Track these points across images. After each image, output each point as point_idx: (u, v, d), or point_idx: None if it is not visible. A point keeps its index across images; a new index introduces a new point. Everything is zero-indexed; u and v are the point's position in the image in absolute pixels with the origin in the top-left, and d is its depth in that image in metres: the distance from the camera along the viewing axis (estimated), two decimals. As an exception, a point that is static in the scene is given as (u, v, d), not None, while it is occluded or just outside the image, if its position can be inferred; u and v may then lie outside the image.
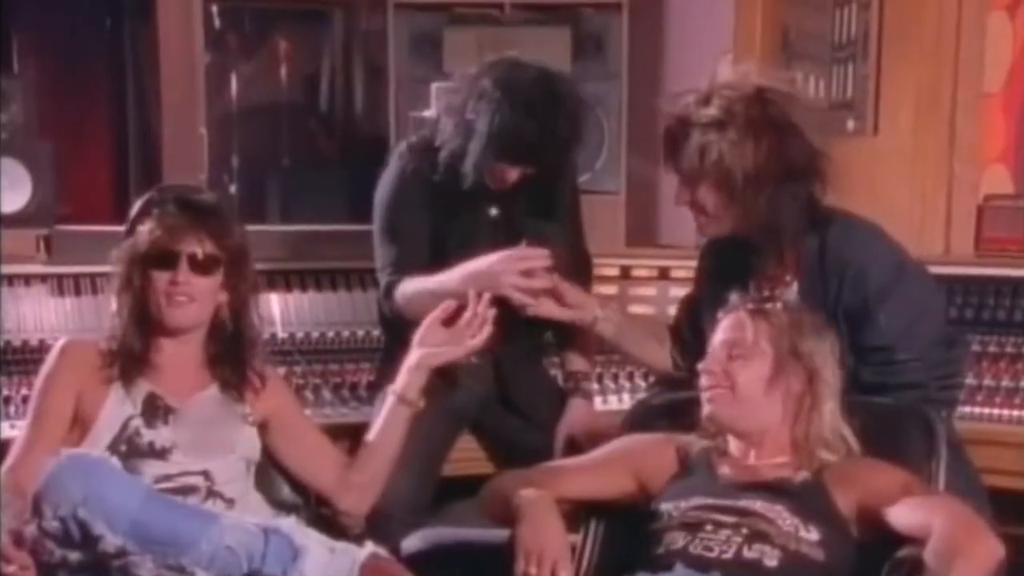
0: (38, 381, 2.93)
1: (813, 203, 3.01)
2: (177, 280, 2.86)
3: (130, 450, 2.81)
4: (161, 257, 2.87)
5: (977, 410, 3.59)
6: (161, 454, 2.83)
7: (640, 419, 3.03)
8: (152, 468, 2.81)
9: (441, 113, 3.46)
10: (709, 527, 2.58)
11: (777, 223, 2.98)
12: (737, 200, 2.97)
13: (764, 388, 2.70)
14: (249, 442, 2.95)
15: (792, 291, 3.03)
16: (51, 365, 2.91)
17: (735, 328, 2.76)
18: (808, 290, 3.01)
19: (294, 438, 3.03)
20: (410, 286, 3.37)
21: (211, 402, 2.94)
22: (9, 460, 2.83)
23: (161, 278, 2.86)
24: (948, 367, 3.07)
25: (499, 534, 2.89)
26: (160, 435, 2.85)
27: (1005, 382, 3.64)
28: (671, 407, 2.96)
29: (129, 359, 2.87)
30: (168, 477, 2.80)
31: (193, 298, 2.89)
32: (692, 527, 2.59)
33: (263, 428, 2.98)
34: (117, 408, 2.84)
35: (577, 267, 3.57)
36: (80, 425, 2.85)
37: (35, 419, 2.88)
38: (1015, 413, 3.57)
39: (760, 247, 3.06)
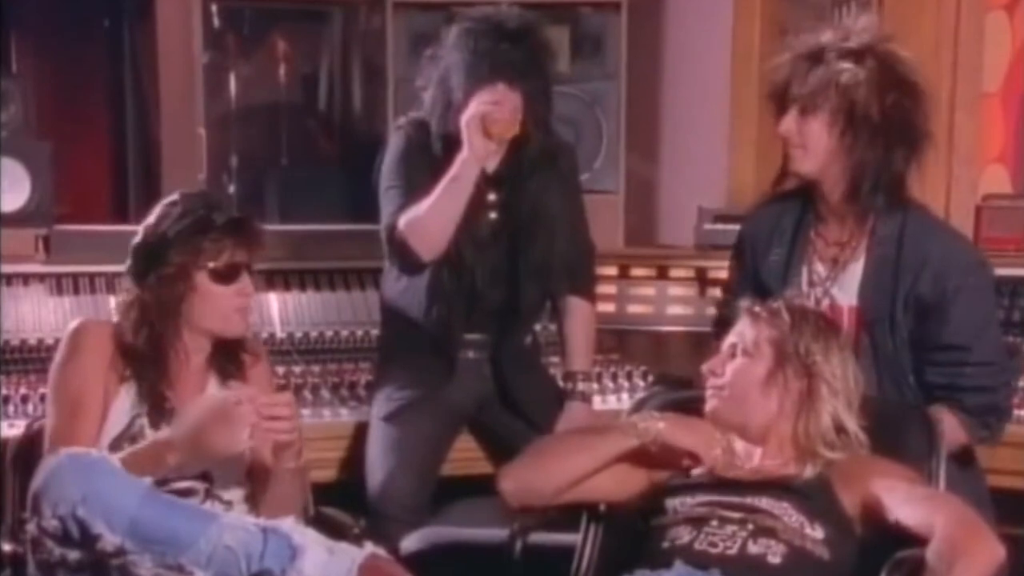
0: (61, 363, 2.87)
1: (905, 180, 3.01)
2: (246, 292, 2.88)
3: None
4: (228, 272, 2.86)
5: (1013, 414, 3.58)
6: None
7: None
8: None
9: (424, 94, 3.48)
10: (715, 523, 2.59)
11: (879, 179, 2.97)
12: (846, 140, 2.95)
13: (760, 387, 2.71)
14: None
15: (857, 265, 3.04)
16: (73, 345, 2.87)
17: (739, 329, 2.79)
18: (874, 272, 3.01)
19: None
20: (411, 212, 3.37)
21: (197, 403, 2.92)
22: (62, 443, 2.76)
23: (226, 292, 2.86)
24: (1012, 375, 3.11)
25: (497, 534, 2.90)
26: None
27: (1005, 382, 3.64)
28: (672, 407, 2.96)
29: (143, 364, 2.86)
30: (165, 481, 2.79)
31: (251, 307, 2.93)
32: (698, 522, 2.60)
33: None
34: (127, 404, 2.84)
35: (575, 252, 3.57)
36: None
37: (75, 399, 2.82)
38: (1015, 412, 3.56)
39: (827, 209, 3.05)
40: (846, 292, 3.03)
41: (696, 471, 2.74)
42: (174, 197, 2.93)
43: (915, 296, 2.98)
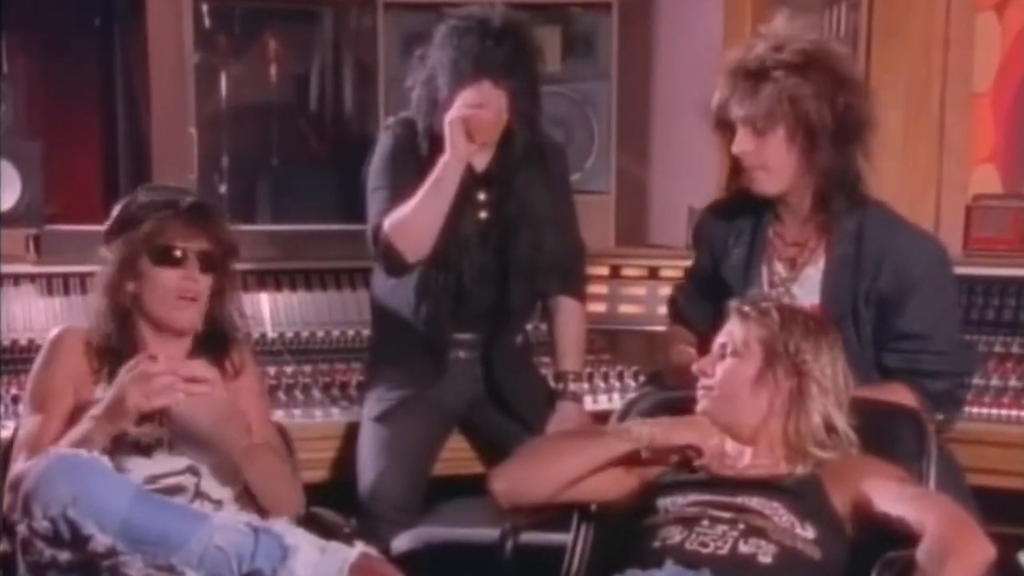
0: (36, 370, 2.92)
1: (862, 176, 3.03)
2: (190, 277, 2.88)
3: (116, 447, 2.79)
4: (170, 255, 2.87)
5: (966, 409, 3.59)
6: (146, 451, 2.83)
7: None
8: (138, 466, 2.80)
9: (413, 94, 3.48)
10: (706, 522, 2.59)
11: (843, 181, 2.98)
12: (807, 155, 2.96)
13: (750, 387, 2.71)
14: None
15: (817, 265, 3.06)
16: (48, 352, 2.92)
17: (728, 329, 2.79)
18: (835, 270, 3.03)
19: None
20: (395, 213, 3.38)
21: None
22: (26, 444, 2.81)
23: (170, 276, 2.87)
24: (968, 366, 3.13)
25: (489, 534, 2.90)
26: (144, 432, 2.84)
27: (993, 381, 3.65)
28: (663, 407, 2.96)
29: (117, 360, 2.87)
30: (154, 478, 2.80)
31: (197, 297, 2.91)
32: (689, 522, 2.60)
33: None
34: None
35: (564, 252, 3.57)
36: (70, 417, 2.84)
37: (42, 402, 2.86)
38: (1002, 412, 3.58)
39: (787, 212, 3.06)
40: (808, 291, 3.05)
41: (699, 462, 2.74)
42: (139, 188, 2.98)
43: (876, 290, 2.99)
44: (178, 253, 2.88)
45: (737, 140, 2.99)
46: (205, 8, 5.25)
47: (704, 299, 3.21)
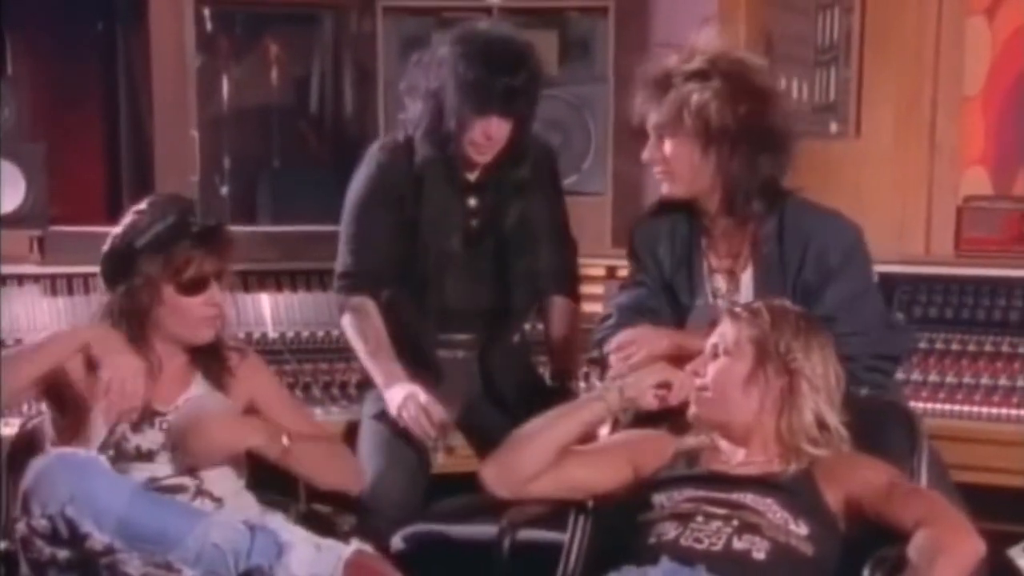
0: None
1: (778, 182, 3.06)
2: (213, 302, 2.90)
3: (117, 455, 2.82)
4: (195, 284, 2.88)
5: (956, 408, 3.63)
6: (148, 457, 2.85)
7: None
8: (140, 472, 2.82)
9: (407, 99, 3.49)
10: (700, 518, 2.62)
11: (751, 186, 3.01)
12: (711, 157, 3.00)
13: (741, 386, 2.74)
14: None
15: (748, 271, 3.09)
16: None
17: (720, 330, 2.81)
18: (763, 271, 3.07)
19: (276, 420, 3.01)
20: (353, 327, 3.46)
21: (196, 401, 2.95)
22: None
23: (194, 303, 2.89)
24: (887, 347, 3.11)
25: (487, 531, 2.92)
26: (146, 438, 2.87)
27: (984, 380, 3.67)
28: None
29: None
30: (156, 480, 2.82)
31: (219, 316, 2.94)
32: (683, 518, 2.63)
33: (248, 413, 3.01)
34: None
35: (559, 254, 3.61)
36: (75, 414, 2.86)
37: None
38: (994, 411, 3.60)
39: (711, 223, 3.10)
40: (745, 297, 3.07)
41: (671, 397, 2.84)
42: (142, 205, 2.96)
43: (803, 281, 3.02)
44: (202, 280, 2.88)
45: (647, 147, 3.07)
46: (207, 11, 5.27)
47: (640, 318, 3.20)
